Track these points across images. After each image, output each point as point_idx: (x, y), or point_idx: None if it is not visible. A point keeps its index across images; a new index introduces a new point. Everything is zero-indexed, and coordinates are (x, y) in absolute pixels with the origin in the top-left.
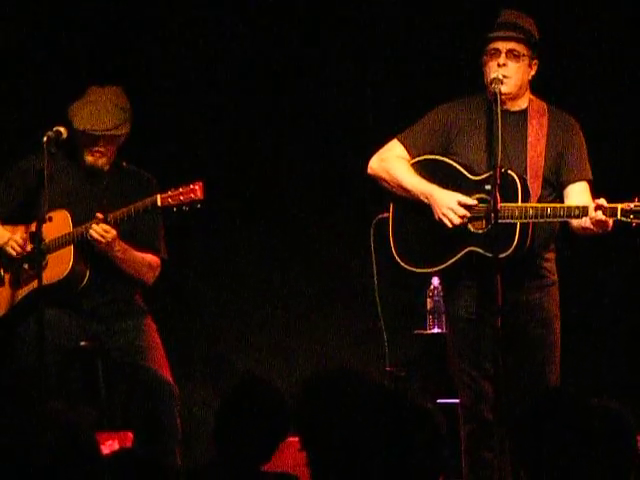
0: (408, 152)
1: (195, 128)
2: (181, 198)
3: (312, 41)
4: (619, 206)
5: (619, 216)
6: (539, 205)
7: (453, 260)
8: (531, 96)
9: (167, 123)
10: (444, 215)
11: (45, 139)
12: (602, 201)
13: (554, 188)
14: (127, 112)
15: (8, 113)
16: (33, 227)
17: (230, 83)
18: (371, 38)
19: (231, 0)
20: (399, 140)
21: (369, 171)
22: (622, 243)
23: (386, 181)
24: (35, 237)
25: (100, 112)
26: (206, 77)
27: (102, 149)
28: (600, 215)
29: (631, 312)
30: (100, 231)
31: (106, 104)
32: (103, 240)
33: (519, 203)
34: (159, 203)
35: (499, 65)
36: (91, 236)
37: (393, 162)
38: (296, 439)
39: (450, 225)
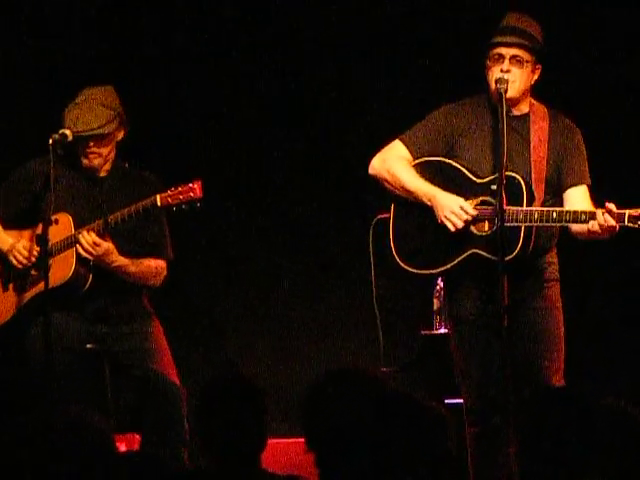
0: (410, 153)
1: (195, 127)
2: (180, 197)
3: (312, 40)
4: (627, 212)
5: (626, 222)
6: (544, 209)
7: (455, 262)
8: (532, 100)
9: (166, 123)
10: (446, 219)
11: (51, 142)
12: (612, 206)
13: (555, 192)
14: (115, 110)
15: (11, 116)
16: (39, 230)
17: (229, 83)
18: (371, 38)
19: (232, 1)
20: (401, 141)
21: (370, 171)
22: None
23: (388, 182)
24: (41, 240)
25: (85, 113)
26: (206, 77)
27: (95, 150)
28: (610, 220)
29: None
30: (85, 245)
31: (91, 104)
32: (94, 253)
33: (524, 206)
34: (159, 203)
35: (502, 71)
36: (79, 251)
37: (395, 163)
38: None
39: (453, 229)
